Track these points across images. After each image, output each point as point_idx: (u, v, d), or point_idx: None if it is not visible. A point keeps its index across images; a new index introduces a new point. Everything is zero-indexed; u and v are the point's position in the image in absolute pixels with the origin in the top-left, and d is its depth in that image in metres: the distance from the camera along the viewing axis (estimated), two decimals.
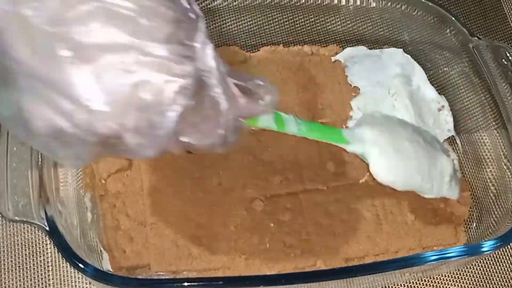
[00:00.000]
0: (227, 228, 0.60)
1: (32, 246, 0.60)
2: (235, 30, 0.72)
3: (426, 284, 0.63)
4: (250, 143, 0.65)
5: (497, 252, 0.65)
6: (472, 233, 0.63)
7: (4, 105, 0.34)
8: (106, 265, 0.57)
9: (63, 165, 0.51)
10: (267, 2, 0.71)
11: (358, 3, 0.71)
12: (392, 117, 0.60)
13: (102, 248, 0.58)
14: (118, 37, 0.32)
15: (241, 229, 0.60)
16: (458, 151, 0.69)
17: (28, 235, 0.61)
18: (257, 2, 0.71)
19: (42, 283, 0.59)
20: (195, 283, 0.50)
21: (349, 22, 0.74)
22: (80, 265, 0.49)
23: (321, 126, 0.51)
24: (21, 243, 0.60)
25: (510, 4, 0.83)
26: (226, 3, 0.70)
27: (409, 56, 0.74)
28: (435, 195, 0.56)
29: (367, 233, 0.62)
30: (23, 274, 0.59)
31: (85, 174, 0.61)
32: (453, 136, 0.69)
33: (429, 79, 0.72)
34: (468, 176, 0.67)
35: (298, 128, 0.47)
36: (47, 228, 0.50)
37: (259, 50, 0.73)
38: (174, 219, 0.60)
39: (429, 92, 0.71)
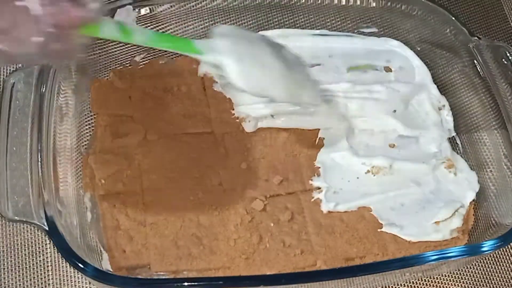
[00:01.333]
0: (227, 228, 0.60)
1: (32, 246, 0.60)
2: None
3: (427, 284, 0.63)
4: (251, 144, 0.65)
5: (497, 252, 0.65)
6: (472, 233, 0.63)
7: None
8: (106, 265, 0.57)
9: None
10: (267, 2, 0.71)
11: (358, 3, 0.71)
12: (255, 33, 0.60)
13: (102, 248, 0.58)
14: None
15: (241, 229, 0.60)
16: (459, 151, 0.68)
17: (27, 235, 0.61)
18: (257, 2, 0.71)
19: (41, 283, 0.59)
20: (195, 283, 0.50)
21: (349, 22, 0.74)
22: (80, 265, 0.49)
23: (171, 36, 0.51)
24: (21, 243, 0.60)
25: (510, 4, 0.83)
26: (226, 3, 0.70)
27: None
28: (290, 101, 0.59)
29: (367, 232, 0.62)
30: (23, 274, 0.59)
31: (85, 174, 0.61)
32: (453, 136, 0.69)
33: None
34: None
35: (146, 37, 0.47)
36: (47, 228, 0.50)
37: None
38: (174, 219, 0.60)
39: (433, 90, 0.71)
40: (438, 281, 0.63)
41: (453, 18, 0.68)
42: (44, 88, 0.57)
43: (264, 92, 0.54)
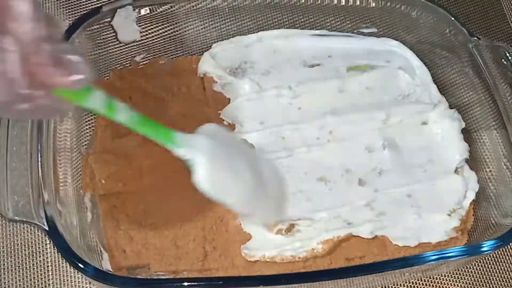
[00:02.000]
0: (227, 228, 0.60)
1: (32, 246, 0.60)
2: (234, 30, 0.72)
3: (426, 284, 0.63)
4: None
5: (497, 252, 0.65)
6: (472, 233, 0.63)
7: None
8: (106, 265, 0.57)
9: None
10: (267, 2, 0.71)
11: (358, 3, 0.71)
12: (239, 140, 0.60)
13: (102, 248, 0.58)
14: None
15: (242, 229, 0.60)
16: None
17: (27, 235, 0.61)
18: (257, 2, 0.71)
19: (41, 283, 0.59)
20: (195, 283, 0.50)
21: (348, 22, 0.74)
22: (80, 265, 0.49)
23: (154, 123, 0.49)
24: (21, 243, 0.60)
25: (510, 4, 0.83)
26: (226, 3, 0.70)
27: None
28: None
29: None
30: (23, 274, 0.59)
31: (85, 174, 0.61)
32: None
33: None
34: None
35: (128, 118, 0.47)
36: (47, 228, 0.50)
37: None
38: (174, 219, 0.60)
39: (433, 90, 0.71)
40: (437, 281, 0.63)
41: (453, 19, 0.68)
42: None
43: (226, 199, 0.53)
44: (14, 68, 0.36)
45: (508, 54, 0.64)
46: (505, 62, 0.64)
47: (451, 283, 0.63)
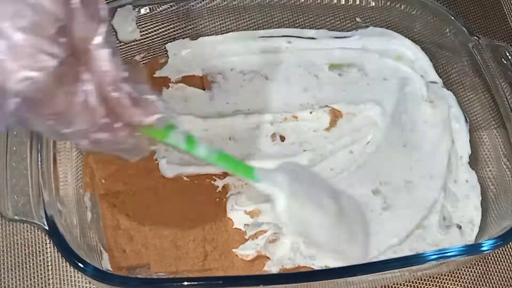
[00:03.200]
0: (227, 228, 0.60)
1: (32, 246, 0.60)
2: (234, 30, 0.72)
3: (426, 283, 0.63)
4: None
5: (497, 252, 0.65)
6: None
7: None
8: (106, 265, 0.57)
9: None
10: (267, 1, 0.71)
11: (358, 2, 0.71)
12: (318, 178, 0.60)
13: (101, 248, 0.58)
14: None
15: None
16: None
17: (27, 235, 0.61)
18: (257, 1, 0.71)
19: (41, 283, 0.59)
20: (195, 283, 0.50)
21: (348, 21, 0.73)
22: (80, 264, 0.49)
23: (234, 159, 0.51)
24: (21, 243, 0.60)
25: (510, 3, 0.83)
26: (225, 2, 0.70)
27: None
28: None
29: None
30: (23, 273, 0.59)
31: (85, 173, 0.61)
32: None
33: None
34: None
35: (208, 154, 0.48)
36: (47, 228, 0.50)
37: None
38: (174, 220, 0.60)
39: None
40: (437, 281, 0.63)
41: (453, 18, 0.68)
42: None
43: (306, 234, 0.54)
44: (91, 98, 0.38)
45: (508, 54, 0.64)
46: (505, 62, 0.64)
47: (451, 283, 0.63)
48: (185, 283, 0.50)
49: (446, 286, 0.63)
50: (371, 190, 0.62)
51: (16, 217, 0.51)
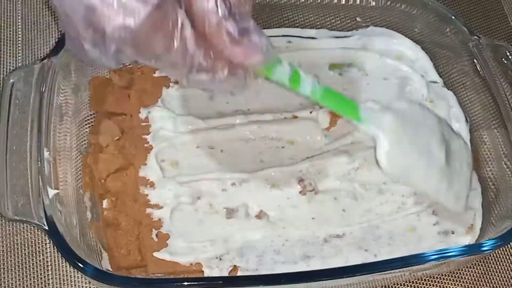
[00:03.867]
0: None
1: (32, 246, 0.60)
2: None
3: (426, 283, 0.63)
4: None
5: (497, 252, 0.65)
6: None
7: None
8: (106, 265, 0.57)
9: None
10: (267, 1, 0.71)
11: (358, 2, 0.71)
12: (434, 117, 0.55)
13: (101, 248, 0.58)
14: None
15: None
16: None
17: (27, 235, 0.61)
18: (257, 1, 0.71)
19: (41, 283, 0.58)
20: (195, 283, 0.50)
21: (348, 21, 0.74)
22: (80, 264, 0.49)
23: (339, 96, 0.48)
24: (21, 243, 0.60)
25: (510, 3, 0.83)
26: None
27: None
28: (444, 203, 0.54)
29: None
30: (23, 273, 0.59)
31: (84, 173, 0.61)
32: None
33: None
34: None
35: (312, 90, 0.46)
36: (47, 228, 0.50)
37: None
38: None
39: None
40: (438, 281, 0.63)
41: (453, 17, 0.68)
42: (44, 87, 0.57)
43: (408, 181, 0.52)
44: (190, 43, 0.38)
45: (508, 53, 0.64)
46: (505, 61, 0.64)
47: (451, 283, 0.63)
48: (185, 283, 0.50)
49: (446, 286, 0.63)
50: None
51: (16, 217, 0.51)
